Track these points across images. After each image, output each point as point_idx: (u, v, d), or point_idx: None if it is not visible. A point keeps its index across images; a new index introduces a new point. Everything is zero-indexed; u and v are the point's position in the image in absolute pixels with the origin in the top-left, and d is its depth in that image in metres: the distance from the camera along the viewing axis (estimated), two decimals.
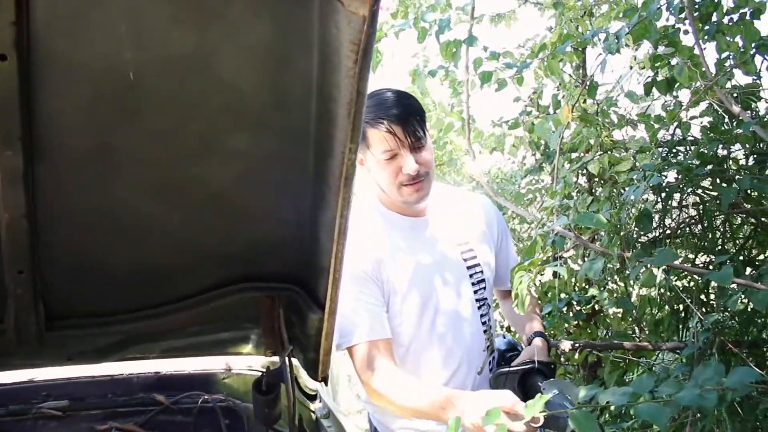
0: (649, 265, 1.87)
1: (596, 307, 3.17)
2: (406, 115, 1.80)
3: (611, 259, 1.82)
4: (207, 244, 1.50)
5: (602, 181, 2.98)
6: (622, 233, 2.02)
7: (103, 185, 1.32)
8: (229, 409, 2.00)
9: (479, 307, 1.99)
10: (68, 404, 1.97)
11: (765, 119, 2.38)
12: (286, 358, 1.64)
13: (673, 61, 2.41)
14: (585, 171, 2.98)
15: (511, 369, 1.85)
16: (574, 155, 2.98)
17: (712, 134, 2.47)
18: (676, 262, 1.98)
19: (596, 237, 2.68)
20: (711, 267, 2.18)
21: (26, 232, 1.34)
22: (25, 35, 1.00)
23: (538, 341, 1.96)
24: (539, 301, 2.75)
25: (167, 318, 1.66)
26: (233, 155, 1.30)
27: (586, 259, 2.84)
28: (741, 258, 2.59)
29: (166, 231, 1.45)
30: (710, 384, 1.24)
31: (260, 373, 1.80)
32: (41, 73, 1.08)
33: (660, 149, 2.49)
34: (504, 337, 2.06)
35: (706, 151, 2.37)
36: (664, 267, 2.09)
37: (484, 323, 2.00)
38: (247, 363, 2.07)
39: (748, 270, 2.55)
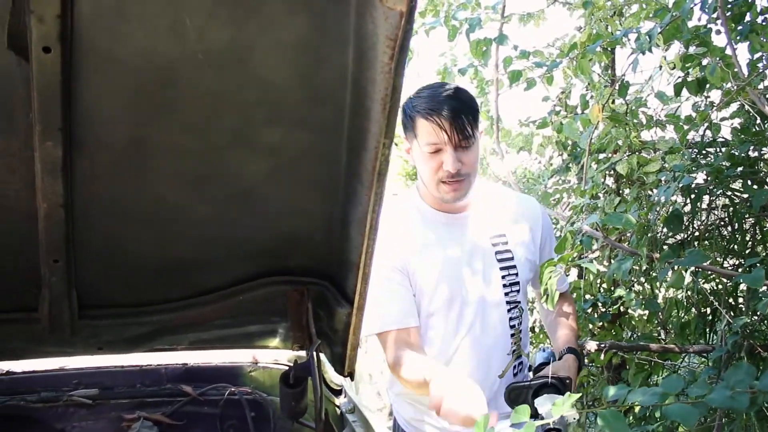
0: (677, 267, 1.85)
1: (621, 308, 3.15)
2: (459, 111, 1.75)
3: (639, 260, 1.80)
4: (238, 237, 1.52)
5: (630, 182, 2.96)
6: (650, 234, 2.00)
7: (139, 177, 1.34)
8: (255, 402, 2.02)
9: (509, 310, 1.95)
10: (98, 393, 2.01)
11: None
12: (314, 352, 1.65)
13: (705, 62, 2.38)
14: (613, 172, 2.96)
15: (524, 384, 1.84)
16: (602, 156, 2.96)
17: (743, 136, 2.44)
18: (705, 264, 1.96)
19: (623, 238, 2.66)
20: (741, 269, 2.16)
21: (63, 221, 1.36)
22: (69, 28, 1.02)
23: (567, 359, 1.92)
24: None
25: (196, 310, 1.68)
26: (267, 149, 1.32)
27: (612, 261, 2.83)
28: None
29: (198, 223, 1.47)
30: (741, 386, 1.22)
31: (287, 367, 1.81)
32: (82, 66, 1.10)
33: (689, 150, 2.46)
34: (544, 351, 2.03)
35: (737, 153, 2.34)
36: (692, 269, 2.07)
37: (512, 326, 1.95)
38: (273, 357, 2.09)
39: None
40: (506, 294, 1.94)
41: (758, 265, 1.74)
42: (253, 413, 2.00)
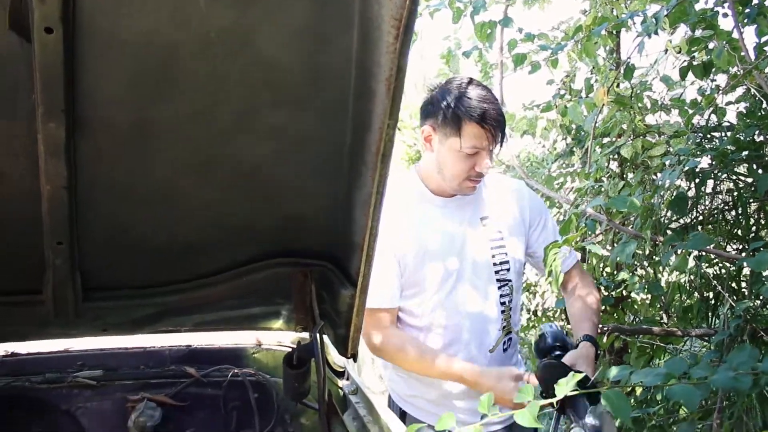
0: (681, 250, 1.85)
1: (624, 292, 3.15)
2: (502, 123, 1.95)
3: (643, 243, 1.80)
4: (241, 219, 1.52)
5: (634, 167, 2.95)
6: (654, 218, 2.00)
7: (142, 159, 1.34)
8: (258, 384, 2.03)
9: (500, 287, 2.05)
10: (102, 374, 2.01)
11: None
12: (317, 334, 1.65)
13: (711, 45, 2.36)
14: (617, 156, 2.95)
15: (559, 363, 1.81)
16: (606, 140, 2.95)
17: (748, 120, 2.43)
18: (709, 248, 1.96)
19: (626, 222, 2.66)
20: (744, 253, 2.16)
21: (66, 203, 1.36)
22: (71, 9, 1.02)
23: (585, 346, 1.94)
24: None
25: (200, 292, 1.68)
26: (270, 131, 1.31)
27: (615, 245, 2.82)
28: None
29: (202, 205, 1.47)
30: (744, 368, 1.23)
31: (291, 349, 1.82)
32: (85, 48, 1.09)
33: (695, 134, 2.45)
34: (551, 327, 2.03)
35: (742, 137, 2.33)
36: (695, 253, 2.07)
37: (503, 303, 2.06)
38: (277, 338, 2.09)
39: None
40: (497, 272, 2.05)
41: (762, 249, 1.73)
42: (257, 395, 2.01)
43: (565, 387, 1.09)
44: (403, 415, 2.07)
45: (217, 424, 2.00)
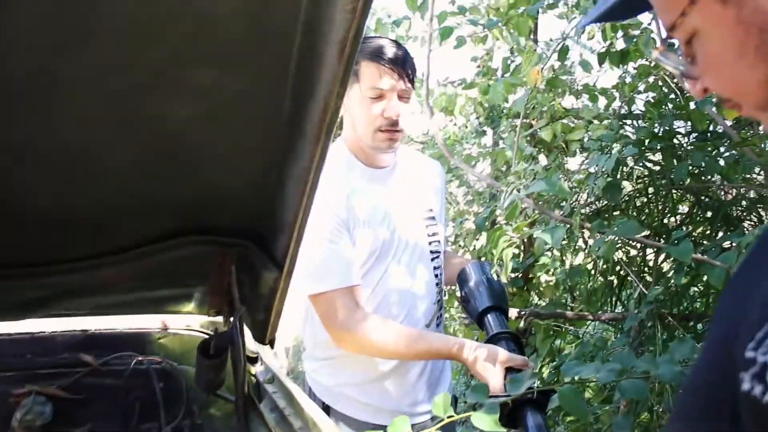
0: (609, 237, 1.84)
1: (530, 275, 3.17)
2: (406, 62, 1.83)
3: (574, 229, 1.77)
4: (156, 188, 1.33)
5: (548, 150, 2.95)
6: (580, 202, 1.99)
7: (41, 114, 1.13)
8: (164, 372, 1.85)
9: (433, 259, 2.00)
10: None
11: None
12: (238, 321, 1.50)
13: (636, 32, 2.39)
14: (530, 138, 2.93)
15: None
16: (517, 122, 2.93)
17: (662, 109, 2.47)
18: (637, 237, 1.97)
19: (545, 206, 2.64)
20: (669, 243, 2.19)
21: None
22: None
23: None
24: None
25: (102, 272, 1.49)
26: (196, 91, 1.14)
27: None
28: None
29: (110, 172, 1.27)
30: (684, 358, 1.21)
31: (200, 333, 1.67)
32: None
33: (616, 121, 2.47)
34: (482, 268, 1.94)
35: (658, 126, 2.37)
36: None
37: (437, 276, 2.01)
38: (184, 321, 1.91)
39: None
40: (430, 243, 1.99)
41: (684, 239, 1.75)
42: (162, 384, 1.83)
43: (522, 383, 1.02)
44: (326, 410, 1.93)
45: (118, 418, 1.80)
